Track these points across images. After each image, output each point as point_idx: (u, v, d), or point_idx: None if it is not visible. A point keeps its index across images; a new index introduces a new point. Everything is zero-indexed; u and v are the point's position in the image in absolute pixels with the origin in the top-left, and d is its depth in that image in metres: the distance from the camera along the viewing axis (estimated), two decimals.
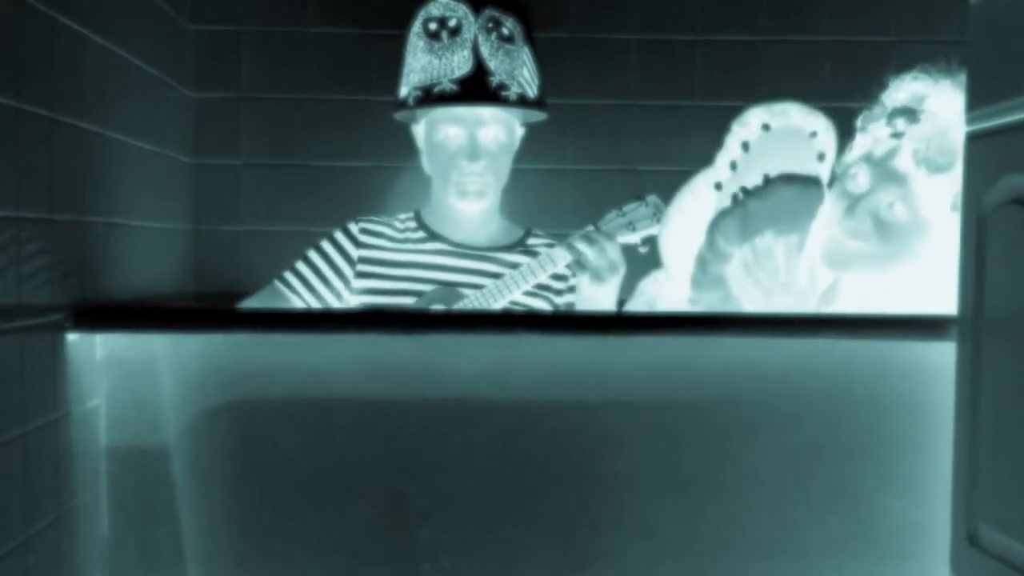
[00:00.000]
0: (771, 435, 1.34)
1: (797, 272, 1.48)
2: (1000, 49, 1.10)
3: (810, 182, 1.49)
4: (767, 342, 1.31)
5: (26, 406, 1.19)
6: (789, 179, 1.49)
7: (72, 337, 1.31)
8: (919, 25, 2.09)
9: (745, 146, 1.56)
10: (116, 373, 1.37)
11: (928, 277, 1.41)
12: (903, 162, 1.41)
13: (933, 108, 1.42)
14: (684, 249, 1.59)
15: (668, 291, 1.67)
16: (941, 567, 1.22)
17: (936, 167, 1.39)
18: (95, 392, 1.37)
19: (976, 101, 1.16)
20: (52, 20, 1.28)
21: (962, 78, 1.39)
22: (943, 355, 1.23)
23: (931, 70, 1.46)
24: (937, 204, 1.41)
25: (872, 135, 1.47)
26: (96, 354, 1.37)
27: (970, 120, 1.17)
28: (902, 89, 1.47)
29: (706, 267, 1.52)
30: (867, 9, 2.12)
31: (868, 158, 1.45)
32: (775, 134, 1.55)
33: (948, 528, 1.20)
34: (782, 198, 1.48)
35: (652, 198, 1.71)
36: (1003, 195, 1.10)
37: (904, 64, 1.50)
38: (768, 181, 1.51)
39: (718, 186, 1.59)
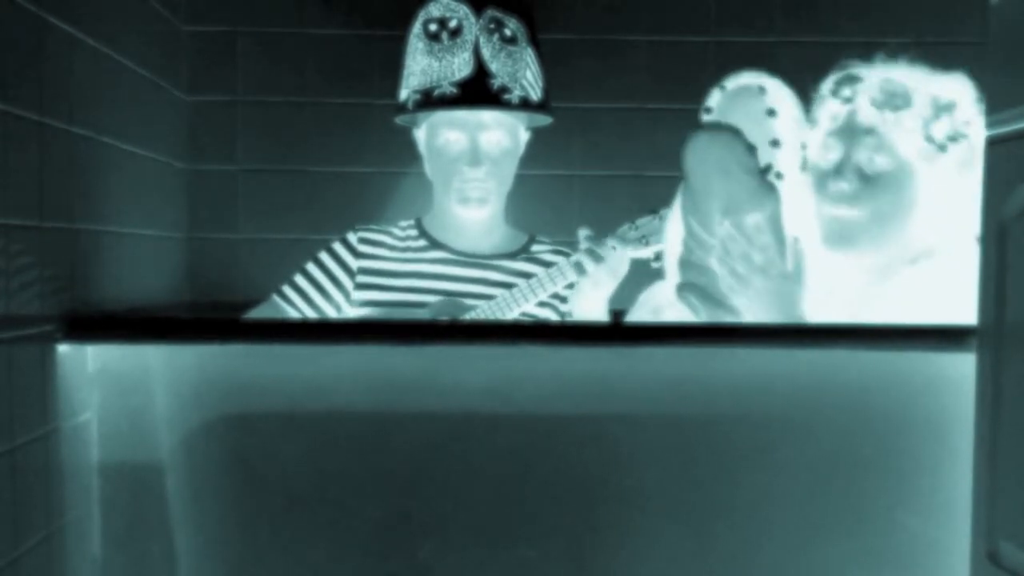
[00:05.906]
0: (784, 449, 1.33)
1: (771, 252, 1.47)
2: (1021, 51, 1.08)
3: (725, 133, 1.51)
4: (780, 353, 1.30)
5: (15, 420, 1.17)
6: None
7: (63, 348, 1.29)
8: (937, 26, 2.08)
9: (707, 111, 1.61)
10: (108, 386, 1.35)
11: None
12: (865, 114, 1.48)
13: (866, 74, 1.51)
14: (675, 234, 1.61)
15: (669, 299, 1.66)
16: None
17: (896, 106, 1.46)
18: (86, 405, 1.35)
19: (996, 105, 1.15)
20: (42, 21, 1.26)
21: (888, 65, 1.50)
22: (963, 367, 1.22)
23: (850, 64, 1.54)
24: (911, 142, 1.47)
25: (825, 116, 1.53)
26: (87, 366, 1.36)
27: (990, 124, 1.16)
28: (830, 80, 1.55)
29: (690, 254, 1.54)
30: (884, 9, 2.10)
31: (831, 132, 1.52)
32: (729, 93, 1.60)
33: (967, 546, 1.19)
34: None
35: (665, 212, 1.70)
36: None
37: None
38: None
39: None
